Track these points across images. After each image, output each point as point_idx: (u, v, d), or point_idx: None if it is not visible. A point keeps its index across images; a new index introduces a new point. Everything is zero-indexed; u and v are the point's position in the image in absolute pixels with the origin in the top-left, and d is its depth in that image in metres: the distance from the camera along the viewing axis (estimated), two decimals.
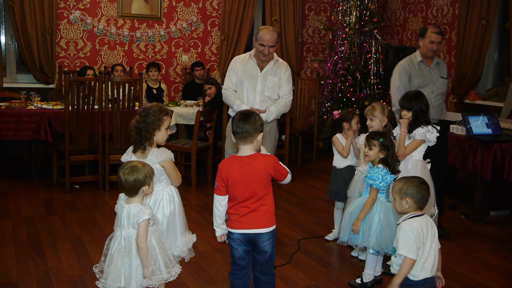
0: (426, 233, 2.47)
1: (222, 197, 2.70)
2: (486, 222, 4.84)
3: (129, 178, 2.47)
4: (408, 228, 2.45)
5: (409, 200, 2.50)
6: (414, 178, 2.58)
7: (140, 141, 2.79)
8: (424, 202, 2.51)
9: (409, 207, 2.51)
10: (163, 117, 2.81)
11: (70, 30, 6.96)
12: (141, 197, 2.53)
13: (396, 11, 8.11)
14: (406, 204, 2.51)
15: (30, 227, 4.30)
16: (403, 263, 2.46)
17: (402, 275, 2.46)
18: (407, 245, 2.43)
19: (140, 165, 2.52)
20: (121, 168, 2.51)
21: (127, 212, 2.50)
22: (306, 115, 7.16)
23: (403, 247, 2.44)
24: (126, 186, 2.48)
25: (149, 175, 2.51)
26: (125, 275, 2.51)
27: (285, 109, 4.23)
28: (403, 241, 2.45)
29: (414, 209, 2.51)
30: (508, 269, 3.83)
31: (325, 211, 4.97)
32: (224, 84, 4.31)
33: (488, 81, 7.01)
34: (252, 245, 2.71)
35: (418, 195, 2.48)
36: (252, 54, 4.20)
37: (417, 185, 2.50)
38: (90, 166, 5.86)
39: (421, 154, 3.66)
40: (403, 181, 2.57)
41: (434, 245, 2.50)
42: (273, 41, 4.00)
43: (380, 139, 3.16)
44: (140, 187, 2.49)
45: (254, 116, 2.65)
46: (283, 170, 2.73)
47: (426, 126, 3.58)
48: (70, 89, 5.11)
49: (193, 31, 7.62)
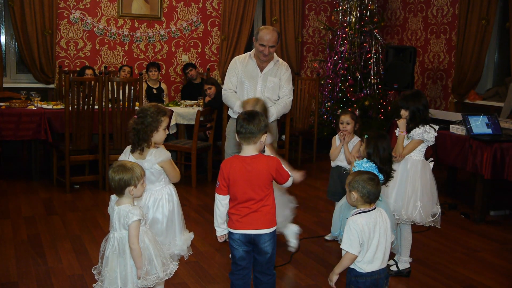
0: (373, 228, 2.50)
1: (223, 196, 2.69)
2: (486, 222, 4.84)
3: (115, 176, 2.45)
4: (352, 224, 2.49)
5: (355, 194, 2.54)
6: (364, 173, 2.61)
7: (138, 142, 2.78)
8: (371, 197, 2.53)
9: (356, 200, 2.55)
10: (161, 118, 2.80)
11: (70, 30, 6.96)
12: (129, 198, 2.50)
13: (396, 11, 8.11)
14: (354, 198, 2.55)
15: (30, 227, 4.30)
16: (344, 257, 2.52)
17: (341, 267, 2.53)
18: (349, 240, 2.48)
19: (128, 165, 2.49)
20: (111, 166, 2.52)
21: (118, 213, 2.49)
22: (306, 115, 7.16)
23: (345, 241, 2.49)
24: (112, 184, 2.48)
25: (137, 176, 2.47)
26: (121, 276, 2.50)
27: (285, 110, 4.21)
28: (346, 236, 2.49)
29: (362, 204, 2.55)
30: (508, 269, 3.83)
31: (325, 211, 4.97)
32: (224, 85, 4.28)
33: (488, 81, 7.01)
34: (252, 245, 2.70)
35: (364, 190, 2.51)
36: (252, 54, 4.17)
37: (364, 180, 2.52)
38: (90, 166, 5.86)
39: (421, 154, 3.65)
40: (353, 175, 2.61)
41: (383, 240, 2.53)
42: (274, 41, 3.98)
43: (365, 135, 3.17)
44: (125, 187, 2.46)
45: (259, 116, 2.65)
46: (285, 174, 2.73)
47: (423, 126, 3.55)
48: (70, 89, 5.11)
49: (193, 31, 7.62)
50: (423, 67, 7.65)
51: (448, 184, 5.74)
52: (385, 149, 3.14)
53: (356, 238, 2.47)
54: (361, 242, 2.47)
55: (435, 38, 7.42)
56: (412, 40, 7.80)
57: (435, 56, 7.45)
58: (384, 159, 3.06)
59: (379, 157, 3.09)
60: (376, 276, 2.54)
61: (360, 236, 2.47)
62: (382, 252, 2.54)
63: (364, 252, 2.51)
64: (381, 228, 2.53)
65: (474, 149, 4.65)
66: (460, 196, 5.57)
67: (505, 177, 4.58)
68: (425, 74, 7.62)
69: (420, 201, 3.50)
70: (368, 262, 2.52)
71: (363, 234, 2.48)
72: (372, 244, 2.50)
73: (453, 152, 4.88)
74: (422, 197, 3.51)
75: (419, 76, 7.71)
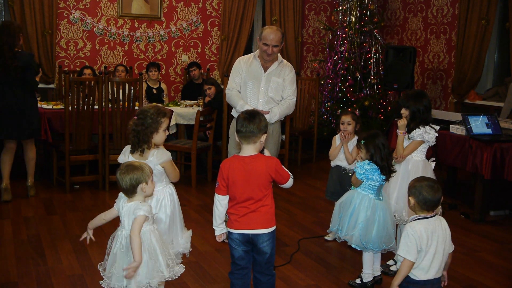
0: (431, 236, 2.45)
1: (222, 196, 2.69)
2: (486, 222, 4.84)
3: (125, 177, 2.44)
4: (410, 230, 2.44)
5: (411, 199, 2.50)
6: (424, 180, 2.55)
7: (138, 144, 2.78)
8: (428, 204, 2.47)
9: (413, 206, 2.51)
10: (161, 119, 2.79)
11: (70, 30, 6.96)
12: (141, 195, 2.50)
13: (396, 11, 8.11)
14: (411, 203, 2.51)
15: (30, 227, 4.30)
16: (401, 264, 2.46)
17: (401, 276, 2.46)
18: (407, 246, 2.43)
19: (136, 164, 2.50)
20: (118, 169, 2.50)
21: (127, 210, 2.49)
22: (306, 115, 7.16)
23: (402, 248, 2.45)
24: (123, 186, 2.46)
25: (147, 173, 2.48)
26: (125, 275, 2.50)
27: (288, 111, 4.18)
28: (403, 242, 2.45)
29: (420, 210, 2.50)
30: (508, 269, 3.83)
31: (325, 211, 4.97)
32: (228, 85, 4.27)
33: (488, 81, 7.01)
34: (251, 245, 2.71)
35: (420, 196, 2.46)
36: (256, 55, 4.16)
37: (421, 186, 2.47)
38: (90, 166, 5.86)
39: (422, 154, 3.64)
40: (416, 180, 2.56)
41: (441, 249, 2.48)
42: (277, 41, 3.96)
43: (362, 141, 3.18)
44: (137, 185, 2.46)
45: (259, 116, 2.65)
46: (285, 174, 2.72)
47: (424, 127, 3.55)
48: (70, 89, 5.11)
49: (193, 31, 7.62)
50: (423, 67, 7.65)
51: (448, 184, 5.74)
52: (384, 144, 3.18)
53: (414, 245, 2.42)
54: (419, 249, 2.43)
55: (435, 38, 7.42)
56: (412, 40, 7.80)
57: (435, 56, 7.45)
58: (386, 155, 3.12)
59: (381, 155, 3.13)
60: (429, 285, 2.49)
61: (418, 243, 2.42)
62: (439, 262, 2.48)
63: (421, 259, 2.46)
64: (440, 236, 2.48)
65: (474, 149, 4.65)
66: (460, 196, 5.57)
67: (505, 177, 4.58)
68: (425, 74, 7.62)
69: None
70: (423, 270, 2.47)
71: (421, 240, 2.43)
72: (429, 252, 2.45)
73: (453, 152, 4.88)
74: None
75: (419, 76, 7.71)
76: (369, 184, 3.20)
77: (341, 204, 3.34)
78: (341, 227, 3.29)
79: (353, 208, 3.23)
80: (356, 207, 3.22)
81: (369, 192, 3.21)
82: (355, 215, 3.21)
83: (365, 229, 3.17)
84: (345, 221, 3.25)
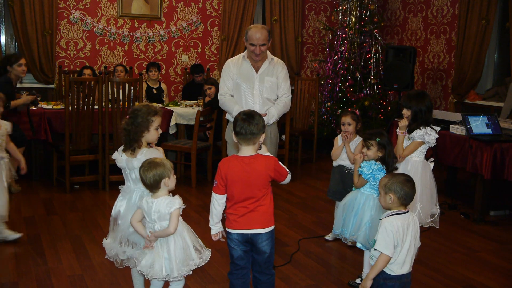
0: (407, 231, 2.49)
1: (220, 196, 2.69)
2: (486, 222, 4.84)
3: (149, 174, 2.55)
4: (388, 225, 2.47)
5: (392, 196, 2.52)
6: (400, 175, 2.60)
7: (129, 143, 2.81)
8: (407, 199, 2.52)
9: (393, 203, 2.53)
10: (151, 118, 2.81)
11: (70, 30, 6.96)
12: (165, 190, 2.61)
13: (396, 11, 8.11)
14: (390, 200, 2.53)
15: (30, 227, 4.30)
16: (378, 259, 2.49)
17: (376, 270, 2.49)
18: (385, 241, 2.46)
19: (158, 160, 2.61)
20: (141, 167, 2.61)
21: (157, 206, 2.58)
22: (306, 115, 7.16)
23: (380, 243, 2.47)
24: (147, 182, 2.57)
25: (168, 168, 2.59)
26: (165, 265, 2.61)
27: (285, 109, 4.07)
28: (381, 237, 2.48)
29: (397, 206, 2.53)
30: (508, 269, 3.83)
31: (325, 211, 4.97)
32: (219, 90, 4.09)
33: (488, 81, 7.01)
34: (250, 245, 2.71)
35: (401, 191, 2.50)
36: (245, 55, 4.01)
37: (401, 182, 2.51)
38: (90, 166, 5.86)
39: (422, 155, 3.64)
40: (389, 177, 2.59)
41: (413, 244, 2.53)
42: (263, 40, 3.81)
43: (376, 138, 3.16)
44: (160, 180, 2.57)
45: (257, 116, 2.64)
46: (283, 171, 2.72)
47: (424, 128, 3.54)
48: (70, 89, 5.11)
49: (193, 31, 7.62)
50: (423, 67, 7.65)
51: (448, 184, 5.74)
52: (390, 140, 3.18)
53: (392, 240, 2.44)
54: (395, 244, 2.45)
55: (435, 38, 7.43)
56: (412, 40, 7.80)
57: (435, 56, 7.45)
58: (391, 151, 3.13)
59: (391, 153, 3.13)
60: (405, 279, 2.52)
61: (396, 238, 2.45)
62: (411, 256, 2.52)
63: (397, 254, 2.48)
64: (413, 231, 2.52)
65: (474, 149, 4.65)
66: (460, 196, 5.56)
67: (505, 177, 4.58)
68: (425, 74, 7.62)
69: (420, 202, 3.50)
70: (399, 265, 2.49)
71: (398, 235, 2.45)
72: (404, 247, 2.48)
73: (453, 152, 4.88)
74: (422, 198, 3.51)
75: (419, 76, 7.71)
76: (374, 184, 3.19)
77: (344, 205, 3.33)
78: (345, 228, 3.27)
79: (358, 209, 3.22)
80: (360, 207, 3.22)
81: (373, 192, 3.21)
82: (360, 215, 3.20)
83: (371, 229, 3.16)
84: (350, 222, 3.24)
